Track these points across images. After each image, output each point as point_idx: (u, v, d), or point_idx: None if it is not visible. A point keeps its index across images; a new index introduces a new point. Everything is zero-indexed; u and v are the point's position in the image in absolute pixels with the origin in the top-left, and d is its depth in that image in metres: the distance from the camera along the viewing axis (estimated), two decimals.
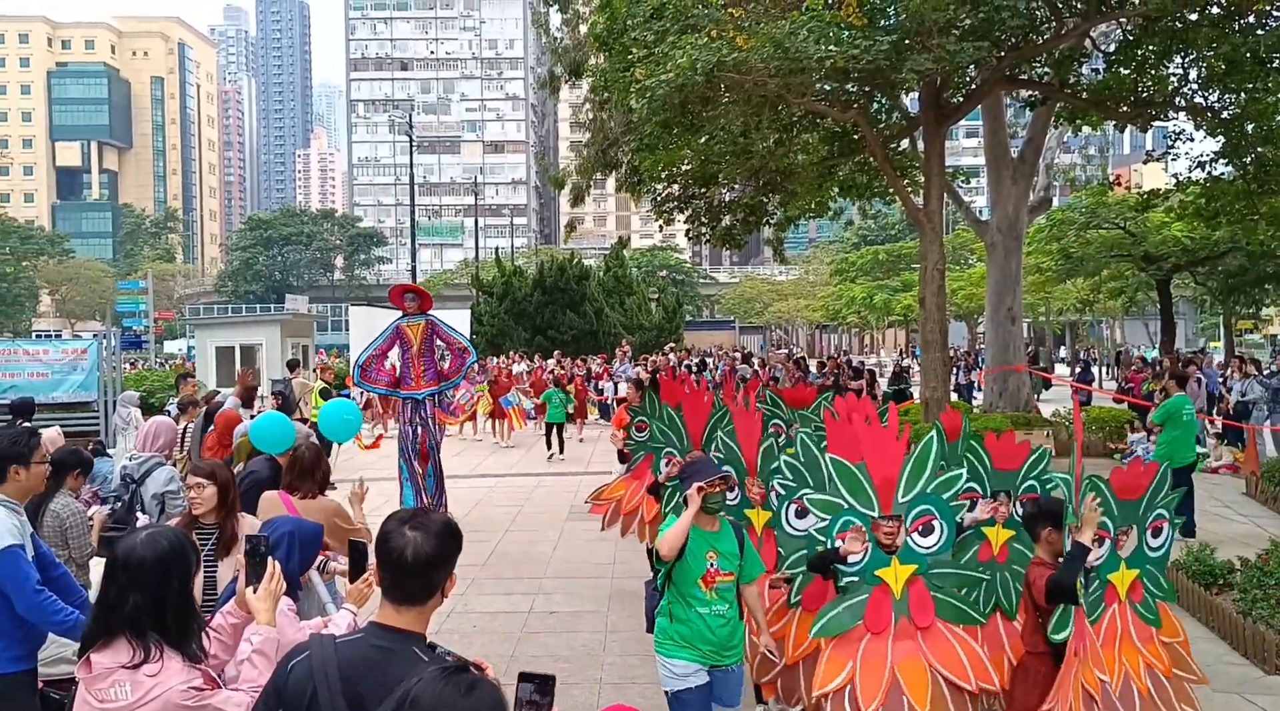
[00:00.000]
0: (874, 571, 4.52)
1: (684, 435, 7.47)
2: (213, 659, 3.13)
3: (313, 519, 4.93)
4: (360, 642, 2.44)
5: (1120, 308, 44.02)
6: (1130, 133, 23.89)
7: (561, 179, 22.29)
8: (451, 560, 2.49)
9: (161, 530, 3.06)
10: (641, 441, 8.14)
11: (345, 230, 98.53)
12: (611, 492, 8.55)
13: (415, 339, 10.83)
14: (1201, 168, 14.86)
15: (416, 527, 2.46)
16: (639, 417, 8.17)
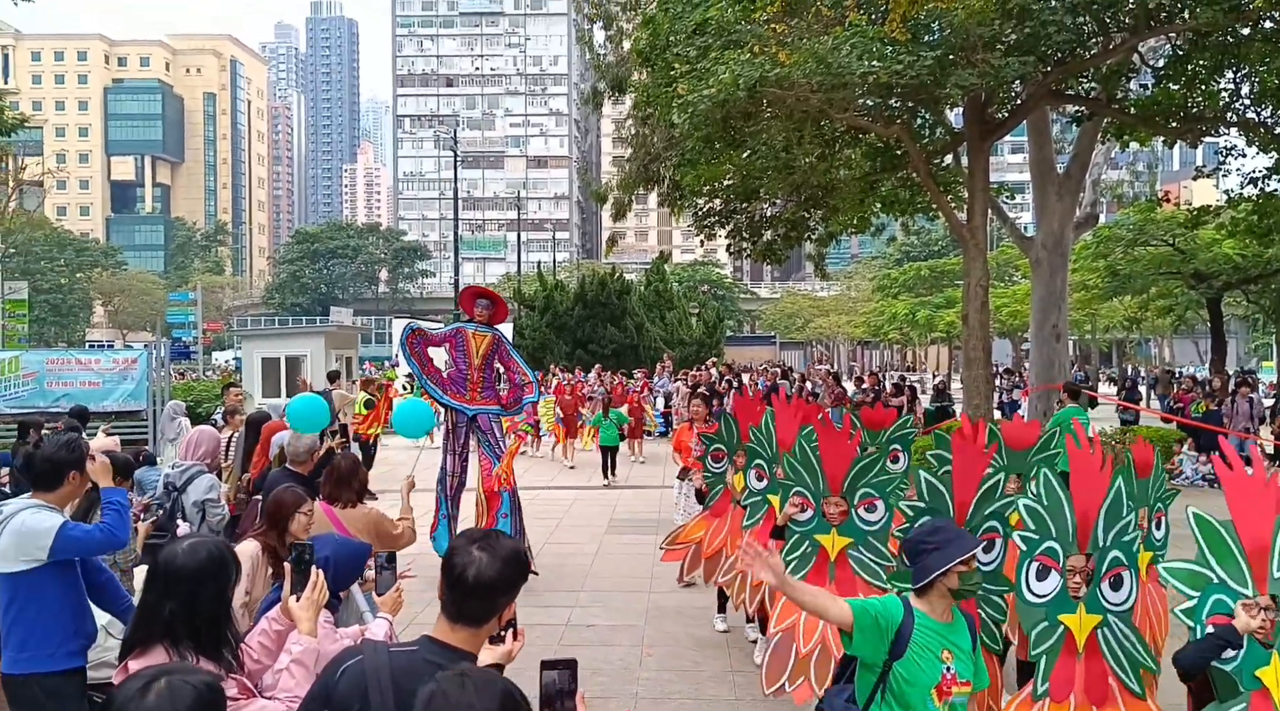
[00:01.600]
0: (1058, 616, 3.99)
1: (774, 450, 6.66)
2: (254, 664, 3.17)
3: (355, 527, 5.00)
4: (414, 655, 2.46)
5: (1169, 326, 43.26)
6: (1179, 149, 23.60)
7: (604, 193, 22.39)
8: (515, 587, 2.49)
9: (203, 540, 3.10)
10: (720, 473, 7.53)
11: (390, 244, 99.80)
12: (689, 534, 7.71)
13: (478, 349, 9.42)
14: (1254, 183, 14.60)
15: (485, 549, 2.46)
16: (715, 445, 7.57)
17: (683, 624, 7.93)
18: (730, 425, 7.51)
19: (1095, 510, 3.98)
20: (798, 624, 5.16)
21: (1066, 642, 3.93)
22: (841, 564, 5.25)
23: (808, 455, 5.37)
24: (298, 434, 6.59)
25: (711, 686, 6.52)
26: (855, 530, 5.28)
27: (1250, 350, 55.71)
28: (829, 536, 5.29)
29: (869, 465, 5.31)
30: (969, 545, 3.41)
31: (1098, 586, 3.95)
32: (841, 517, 5.27)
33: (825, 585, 5.05)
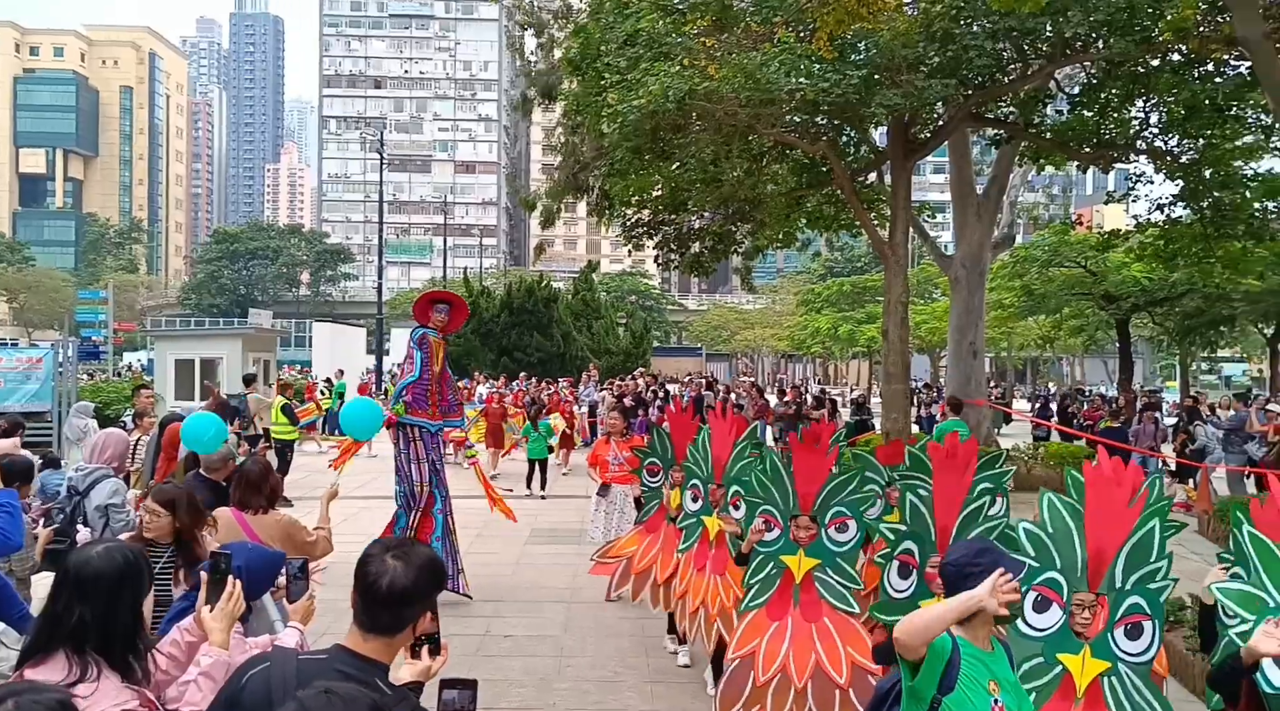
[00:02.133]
0: (1056, 654, 3.72)
1: (710, 470, 6.50)
2: (162, 675, 3.06)
3: (267, 534, 4.88)
4: (323, 663, 2.39)
5: (1080, 345, 44.72)
6: (1092, 173, 24.60)
7: (532, 201, 22.34)
8: (430, 597, 2.44)
9: (119, 545, 2.99)
10: (655, 488, 7.37)
11: (312, 246, 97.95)
12: (621, 548, 7.53)
13: (438, 359, 8.74)
14: (1161, 210, 15.15)
15: (400, 557, 2.40)
16: (650, 459, 7.38)
17: (603, 635, 7.90)
18: (664, 439, 7.34)
19: (1114, 547, 3.67)
20: (758, 651, 4.94)
21: (1062, 685, 3.62)
22: (807, 587, 5.02)
23: (779, 472, 5.12)
24: None
25: (631, 697, 6.50)
26: (824, 551, 5.03)
27: (1156, 370, 57.83)
28: (795, 557, 5.03)
29: (844, 483, 5.09)
30: (1014, 568, 3.14)
31: (1110, 631, 3.65)
32: (809, 539, 5.01)
33: (789, 610, 4.96)
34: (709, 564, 6.32)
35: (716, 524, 6.32)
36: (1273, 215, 14.21)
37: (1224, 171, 13.75)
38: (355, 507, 13.65)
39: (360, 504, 14.01)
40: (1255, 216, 13.99)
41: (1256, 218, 14.02)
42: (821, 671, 4.80)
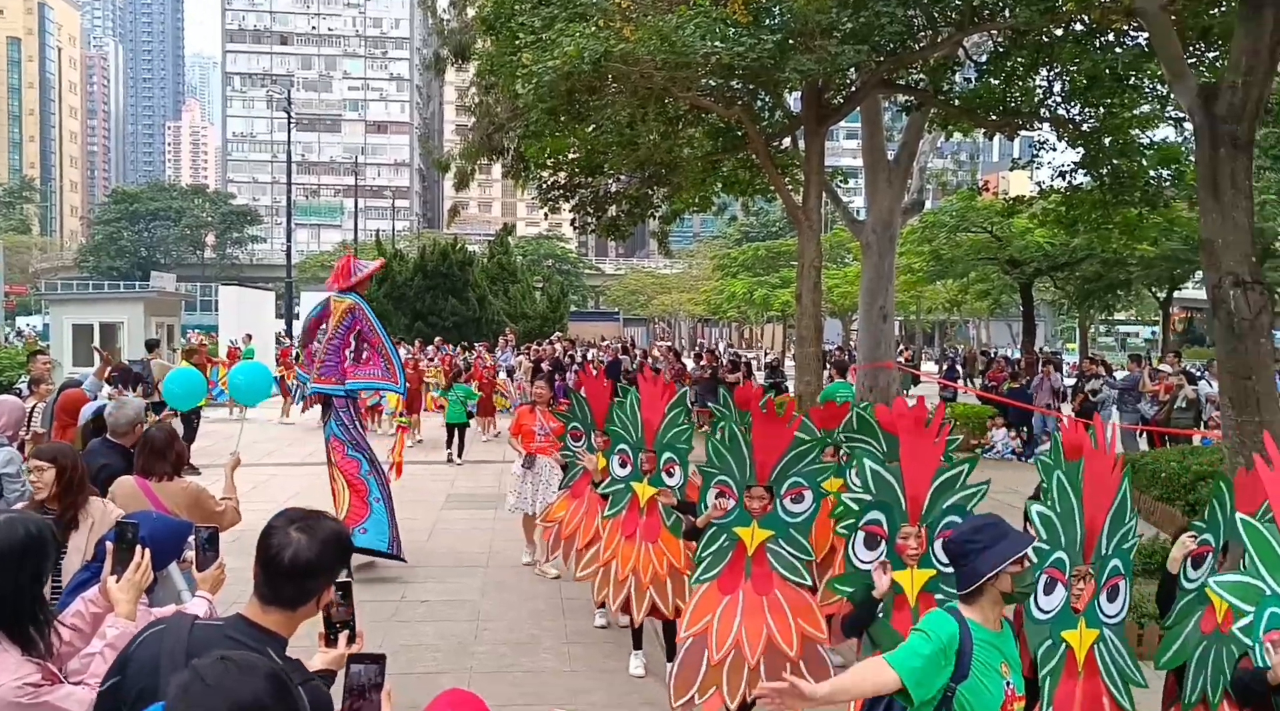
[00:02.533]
0: (1060, 632, 3.64)
1: (640, 436, 6.23)
2: (66, 647, 2.98)
3: (173, 502, 4.75)
4: (216, 631, 2.34)
5: (986, 309, 46.01)
6: (999, 141, 25.29)
7: (445, 162, 21.96)
8: (333, 571, 2.38)
9: (22, 516, 2.89)
10: (575, 453, 7.31)
11: (217, 207, 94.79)
12: (552, 514, 7.61)
13: (333, 319, 8.51)
14: (1062, 177, 15.60)
15: (304, 530, 2.35)
16: (573, 424, 7.34)
17: (519, 598, 7.92)
18: (582, 405, 7.24)
19: (1102, 516, 3.65)
20: (710, 629, 4.81)
21: (1068, 663, 3.60)
22: (759, 559, 4.87)
23: (738, 442, 4.87)
24: (120, 403, 6.20)
25: (548, 659, 6.55)
26: (778, 522, 4.85)
27: (1057, 333, 59.84)
28: (749, 529, 4.85)
29: (804, 452, 4.90)
30: (1022, 542, 3.02)
31: (1096, 598, 3.65)
32: (764, 510, 4.83)
33: (740, 583, 4.85)
34: (639, 531, 6.13)
35: (648, 490, 6.12)
36: (1166, 182, 14.74)
37: (1122, 139, 14.21)
38: (265, 474, 13.41)
39: (270, 471, 13.76)
40: (1150, 183, 14.51)
41: (1152, 185, 14.54)
42: (773, 645, 4.74)
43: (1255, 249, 8.27)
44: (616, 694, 5.93)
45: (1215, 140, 7.88)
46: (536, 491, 8.56)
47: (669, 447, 6.04)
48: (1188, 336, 54.14)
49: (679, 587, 5.90)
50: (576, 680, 6.16)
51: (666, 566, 5.95)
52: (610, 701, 5.81)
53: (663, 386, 6.33)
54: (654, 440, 6.11)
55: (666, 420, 6.07)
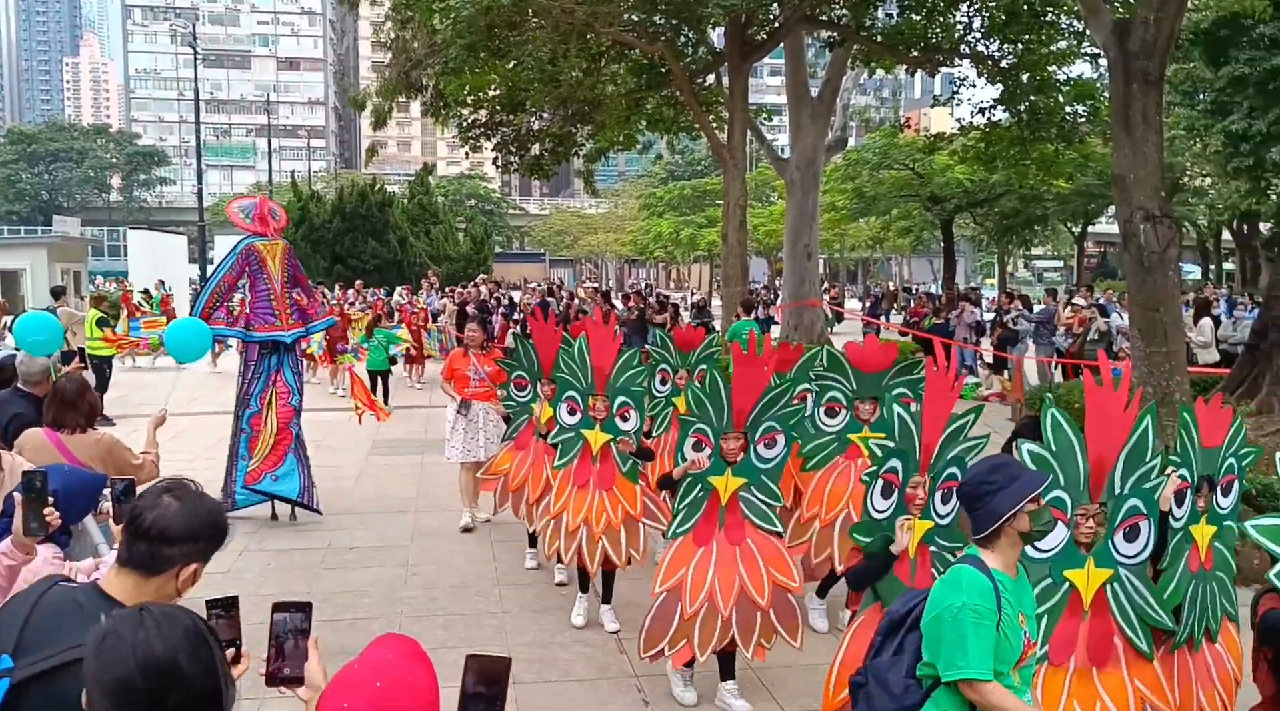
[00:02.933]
0: (1063, 572, 3.56)
1: (590, 381, 5.93)
2: None
3: (85, 454, 4.60)
4: (68, 594, 2.21)
5: (908, 246, 46.72)
6: (920, 77, 25.43)
7: (362, 100, 21.30)
8: (197, 545, 2.23)
9: None
10: (523, 402, 7.05)
11: (122, 148, 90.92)
12: (497, 466, 7.35)
13: (275, 263, 8.25)
14: (982, 113, 15.81)
15: (178, 498, 2.24)
16: (518, 373, 7.06)
17: (449, 542, 7.91)
18: (529, 351, 6.96)
19: (1114, 453, 3.55)
20: (684, 582, 4.75)
21: (1070, 602, 3.52)
22: (732, 508, 4.81)
23: (718, 387, 4.74)
24: None
25: (479, 600, 6.56)
26: (750, 469, 4.80)
27: (977, 268, 61.12)
28: (723, 478, 4.78)
29: (778, 396, 4.79)
30: (1037, 479, 2.98)
31: (1110, 538, 3.55)
32: (738, 455, 4.76)
33: (714, 533, 4.79)
34: (592, 479, 5.90)
35: (601, 437, 5.88)
36: (1082, 119, 15.04)
37: (1039, 76, 14.42)
38: (186, 423, 13.08)
39: (191, 420, 13.44)
40: (1066, 120, 14.79)
41: (1068, 121, 14.82)
42: (745, 595, 4.71)
43: (1164, 184, 8.49)
44: (548, 632, 5.97)
45: (1128, 76, 8.02)
46: (476, 439, 8.14)
47: (623, 391, 5.83)
48: (1101, 270, 55.76)
49: (633, 537, 5.83)
50: (508, 621, 6.19)
51: (621, 514, 5.81)
52: (542, 640, 5.85)
53: (613, 330, 6.19)
54: (605, 385, 5.85)
55: (620, 363, 5.85)
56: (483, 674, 1.76)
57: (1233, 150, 26.66)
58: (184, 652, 1.70)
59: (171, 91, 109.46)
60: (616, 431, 5.88)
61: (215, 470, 10.12)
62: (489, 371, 8.09)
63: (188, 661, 1.70)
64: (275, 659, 1.98)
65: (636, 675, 5.35)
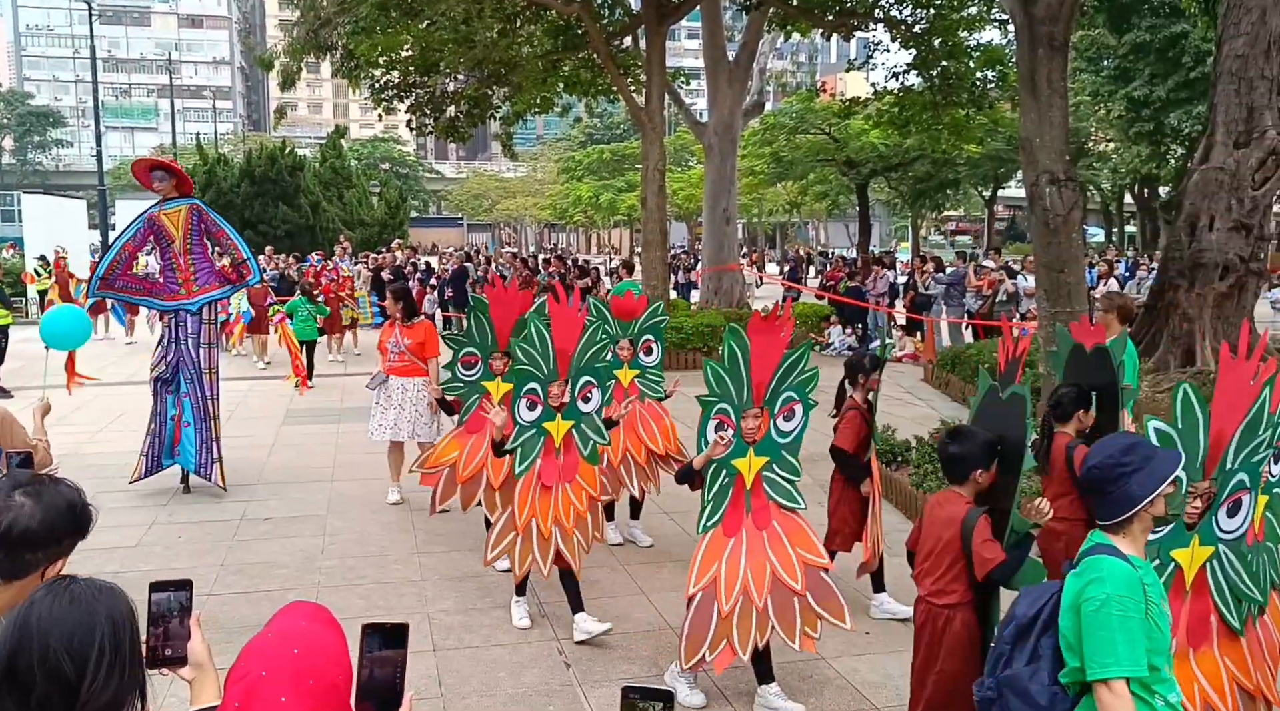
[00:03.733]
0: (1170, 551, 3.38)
1: (552, 367, 5.30)
2: None
3: None
4: None
5: (825, 210, 47.27)
6: (836, 42, 25.58)
7: (269, 60, 20.63)
8: (60, 544, 2.12)
9: None
10: (471, 381, 6.42)
11: (13, 108, 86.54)
12: (440, 455, 6.52)
13: (177, 230, 8.02)
14: (896, 78, 16.02)
15: (30, 495, 2.09)
16: (467, 350, 6.39)
17: (368, 511, 7.81)
18: (482, 322, 6.33)
19: (1232, 429, 3.38)
20: (718, 578, 4.41)
21: (1175, 582, 3.35)
22: (756, 490, 4.50)
23: (739, 364, 4.38)
24: None
25: (398, 569, 6.51)
26: (772, 446, 4.48)
27: (892, 232, 62.15)
28: (745, 459, 4.45)
29: (795, 363, 4.48)
30: (1174, 459, 2.79)
31: (1215, 514, 3.38)
32: (760, 432, 4.44)
33: (743, 521, 4.44)
34: (558, 472, 5.35)
35: (563, 426, 5.34)
36: (992, 84, 15.35)
37: (951, 41, 14.66)
38: (90, 394, 12.65)
39: (94, 390, 12.99)
40: (977, 85, 15.08)
41: (978, 86, 15.11)
42: (778, 581, 4.42)
43: (1070, 148, 8.72)
44: (469, 599, 5.96)
45: (1034, 41, 8.19)
46: (401, 415, 7.75)
47: (586, 370, 5.37)
48: (1010, 233, 57.20)
49: (595, 519, 5.47)
50: (427, 588, 6.16)
51: (586, 501, 5.38)
52: (463, 607, 5.84)
53: (576, 308, 5.49)
54: (568, 369, 5.31)
55: (584, 340, 5.34)
56: (383, 640, 1.76)
57: (1134, 116, 27.58)
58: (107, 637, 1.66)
59: (66, 49, 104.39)
60: (579, 415, 5.39)
61: (121, 442, 9.85)
62: (409, 345, 7.75)
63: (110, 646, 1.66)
64: (155, 639, 1.91)
65: (558, 638, 5.38)
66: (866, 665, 5.07)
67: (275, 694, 1.63)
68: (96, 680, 1.63)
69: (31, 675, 1.61)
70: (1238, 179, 9.81)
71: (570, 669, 5.05)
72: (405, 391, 7.81)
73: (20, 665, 1.62)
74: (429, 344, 7.81)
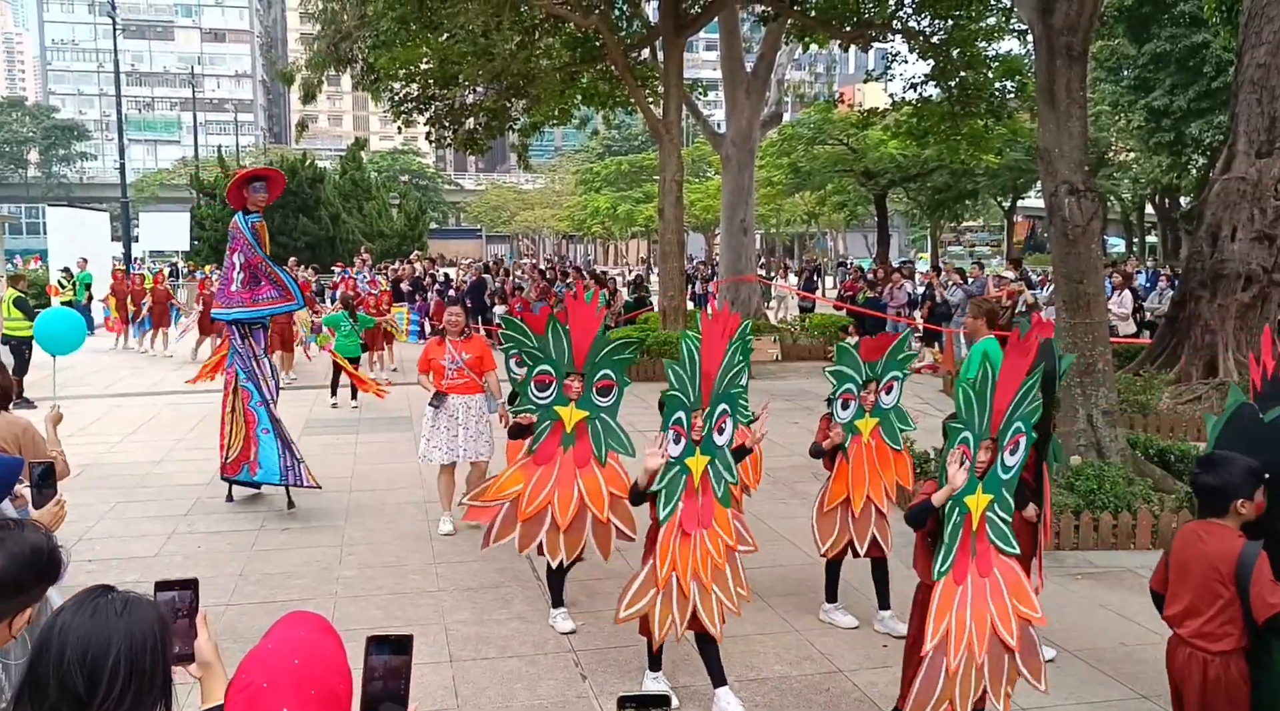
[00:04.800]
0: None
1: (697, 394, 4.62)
2: None
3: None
4: None
5: (843, 220, 47.17)
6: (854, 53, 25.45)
7: (290, 74, 20.82)
8: (28, 591, 2.03)
9: None
10: (545, 405, 5.61)
11: (39, 121, 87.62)
12: (502, 489, 5.63)
13: (264, 239, 8.22)
14: (914, 88, 16.00)
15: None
16: (541, 367, 5.59)
17: (385, 520, 7.83)
18: (561, 338, 5.55)
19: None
20: (950, 632, 3.89)
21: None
22: (981, 534, 4.03)
23: (985, 388, 3.92)
24: None
25: (416, 579, 6.51)
26: (995, 482, 4.01)
27: (910, 242, 61.96)
28: (974, 496, 3.95)
29: (1029, 391, 4.06)
30: None
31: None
32: (987, 465, 3.99)
33: (969, 565, 3.97)
34: (698, 517, 4.64)
35: (701, 462, 4.63)
36: (1010, 94, 15.29)
37: (969, 52, 14.62)
38: (108, 405, 12.78)
39: (113, 402, 13.12)
40: (995, 95, 15.03)
41: (996, 97, 15.06)
42: (996, 636, 3.98)
43: (1089, 158, 8.67)
44: (484, 610, 5.96)
45: (1052, 51, 8.16)
46: (457, 438, 7.27)
47: (724, 396, 4.70)
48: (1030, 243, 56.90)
49: (724, 586, 4.71)
50: (444, 599, 6.16)
51: (721, 556, 4.69)
52: (478, 618, 5.84)
53: (725, 322, 4.86)
54: (710, 395, 4.66)
55: (725, 360, 4.67)
56: (388, 651, 1.76)
57: (1154, 126, 27.39)
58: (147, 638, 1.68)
59: (91, 63, 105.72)
60: (714, 450, 4.69)
61: (141, 453, 9.93)
62: (468, 360, 7.31)
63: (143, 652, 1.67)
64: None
65: (574, 650, 5.37)
66: (884, 678, 5.04)
67: (277, 704, 1.63)
68: (110, 697, 1.62)
69: (48, 684, 1.62)
70: (1260, 189, 9.73)
71: (586, 680, 5.04)
72: (468, 409, 7.32)
73: (40, 672, 1.63)
74: (486, 358, 7.43)
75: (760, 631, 5.59)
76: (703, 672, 4.70)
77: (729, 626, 5.41)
